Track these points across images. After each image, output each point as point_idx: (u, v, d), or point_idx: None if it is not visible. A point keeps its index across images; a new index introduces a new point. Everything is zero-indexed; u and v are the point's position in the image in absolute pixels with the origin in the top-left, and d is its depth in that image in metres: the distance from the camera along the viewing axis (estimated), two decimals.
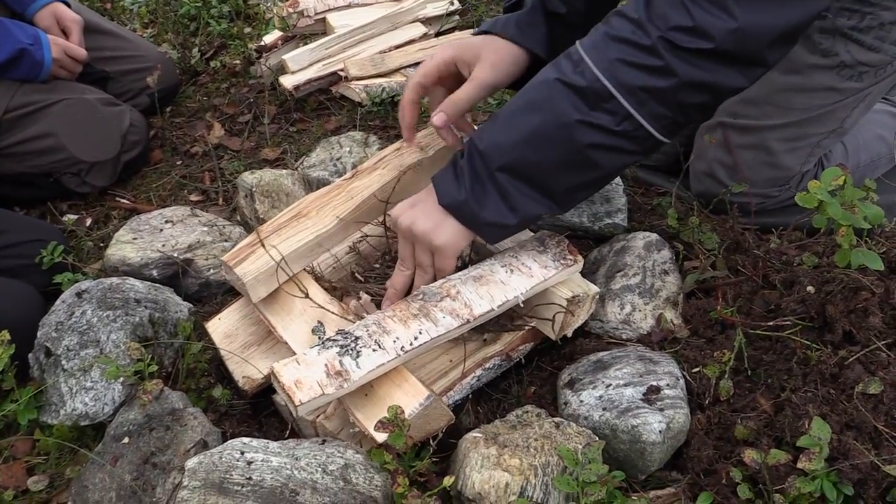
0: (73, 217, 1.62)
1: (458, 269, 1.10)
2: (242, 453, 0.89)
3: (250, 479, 0.86)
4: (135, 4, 2.43)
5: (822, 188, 0.95)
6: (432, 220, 1.03)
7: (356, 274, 1.19)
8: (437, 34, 2.14)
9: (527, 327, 1.16)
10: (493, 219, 1.01)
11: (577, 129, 0.95)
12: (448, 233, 1.03)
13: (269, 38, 2.07)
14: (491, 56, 1.11)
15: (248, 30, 2.25)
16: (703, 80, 0.91)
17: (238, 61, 2.11)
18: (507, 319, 1.16)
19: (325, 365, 0.93)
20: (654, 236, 1.31)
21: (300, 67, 1.90)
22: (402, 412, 0.90)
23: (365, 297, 1.12)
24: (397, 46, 1.99)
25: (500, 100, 1.83)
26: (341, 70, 1.88)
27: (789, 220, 1.31)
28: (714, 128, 1.37)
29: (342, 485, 0.88)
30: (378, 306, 1.09)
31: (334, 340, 0.96)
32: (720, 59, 0.90)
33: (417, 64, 1.91)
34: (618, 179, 1.46)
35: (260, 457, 0.89)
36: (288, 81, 1.88)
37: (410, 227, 1.03)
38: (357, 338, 0.96)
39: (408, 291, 1.08)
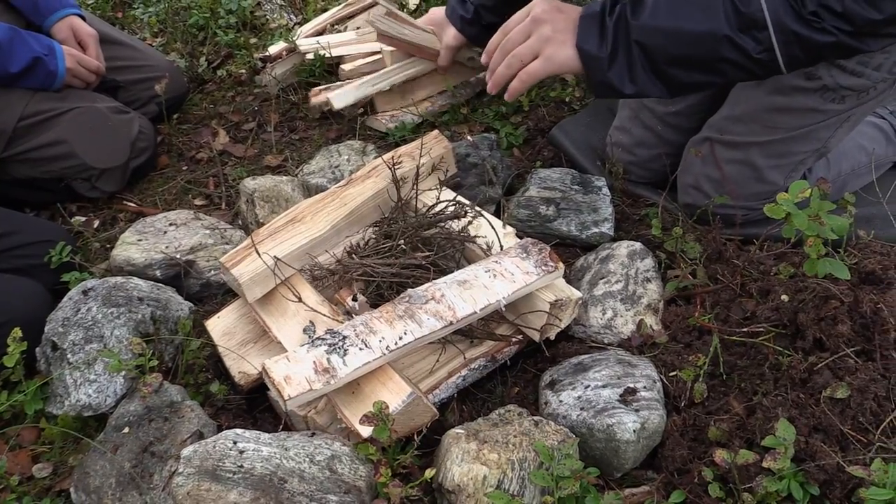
0: (81, 219, 1.68)
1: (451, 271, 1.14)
2: (235, 443, 0.94)
3: (242, 466, 0.92)
4: (145, 14, 2.50)
5: (788, 200, 1.00)
6: (565, 35, 1.16)
7: (352, 254, 1.23)
8: None
9: (513, 339, 1.21)
10: (613, 81, 1.14)
11: (723, 43, 1.06)
12: (565, 55, 1.16)
13: (273, 49, 2.13)
14: None
15: (253, 40, 2.31)
16: (851, 44, 1.04)
17: (244, 70, 2.18)
18: (494, 325, 1.22)
19: (314, 362, 0.98)
20: (638, 245, 1.36)
21: (344, 105, 1.86)
22: (387, 407, 0.95)
23: (361, 298, 1.17)
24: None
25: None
26: None
27: (772, 231, 1.36)
28: (701, 142, 1.42)
29: (328, 474, 0.93)
30: (373, 306, 1.15)
31: (323, 339, 1.01)
32: (862, 36, 1.04)
33: (443, 92, 1.95)
34: (605, 190, 1.51)
35: (251, 446, 0.94)
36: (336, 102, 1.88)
37: (543, 21, 1.18)
38: (345, 337, 1.02)
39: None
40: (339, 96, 1.83)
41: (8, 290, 1.30)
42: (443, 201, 1.25)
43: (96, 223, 1.69)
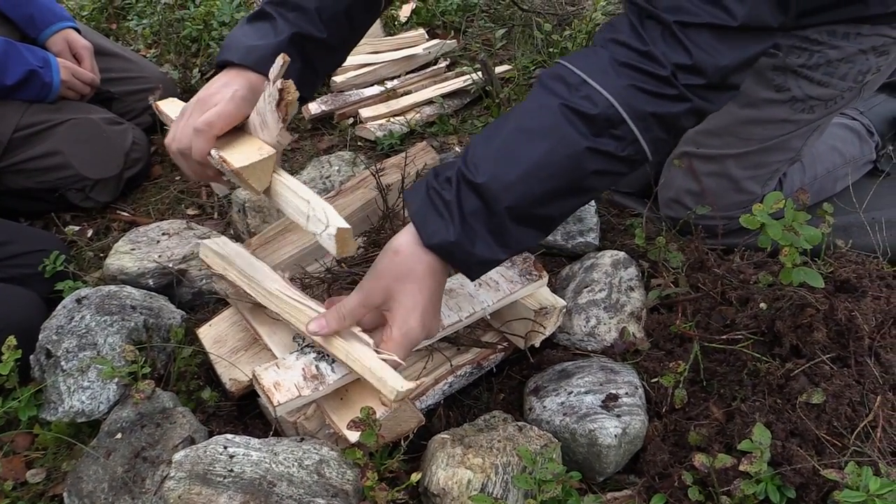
0: (75, 228, 1.70)
1: None
2: (226, 447, 0.97)
3: (232, 471, 0.94)
4: (139, 26, 2.53)
5: (763, 211, 1.03)
6: (430, 312, 0.98)
7: (342, 263, 1.26)
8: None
9: (499, 346, 1.23)
10: (485, 256, 0.95)
11: (586, 156, 0.92)
12: (424, 317, 0.97)
13: None
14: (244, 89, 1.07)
15: None
16: (701, 106, 0.96)
17: None
18: (481, 333, 1.24)
19: (303, 369, 1.00)
20: (622, 254, 1.39)
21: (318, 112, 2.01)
22: (374, 412, 0.98)
23: None
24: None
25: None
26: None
27: (753, 240, 1.39)
28: (680, 156, 1.46)
29: (316, 478, 0.95)
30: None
31: (312, 347, 1.03)
32: (708, 89, 0.95)
33: (430, 102, 2.01)
34: (590, 201, 1.54)
35: (241, 451, 0.97)
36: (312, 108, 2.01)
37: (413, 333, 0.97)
38: None
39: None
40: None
41: (3, 300, 1.32)
42: None
43: (90, 232, 1.71)
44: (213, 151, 1.03)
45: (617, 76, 0.93)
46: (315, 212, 0.97)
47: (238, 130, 1.07)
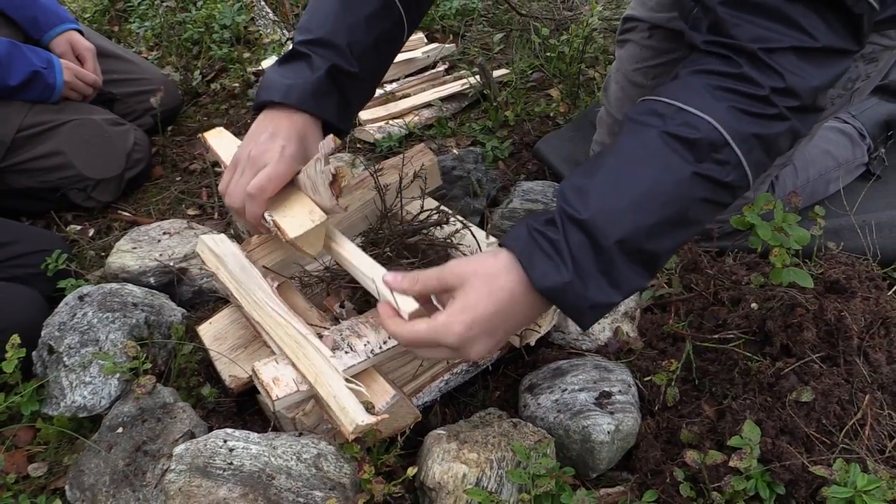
0: (77, 227, 1.72)
1: None
2: (225, 441, 0.98)
3: (231, 464, 0.96)
4: (141, 28, 2.56)
5: (753, 212, 1.05)
6: (497, 332, 0.92)
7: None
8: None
9: None
10: (598, 299, 0.89)
11: (693, 182, 0.89)
12: (497, 348, 0.94)
13: (266, 64, 2.19)
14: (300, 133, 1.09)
15: (247, 54, 2.37)
16: (797, 128, 0.95)
17: (237, 84, 2.24)
18: None
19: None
20: None
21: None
22: (373, 406, 1.00)
23: (348, 305, 1.22)
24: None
25: None
26: None
27: (744, 242, 1.41)
28: None
29: (314, 471, 0.97)
30: (359, 312, 1.19)
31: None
32: (802, 111, 0.94)
33: (428, 105, 2.03)
34: None
35: (241, 445, 0.98)
36: None
37: (469, 347, 0.91)
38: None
39: None
40: None
41: (6, 299, 1.34)
42: (426, 210, 1.30)
43: (91, 232, 1.73)
44: (266, 215, 1.05)
45: (715, 100, 0.91)
46: (381, 292, 0.98)
47: (289, 186, 1.08)
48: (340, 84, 1.12)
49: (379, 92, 2.08)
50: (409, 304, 0.93)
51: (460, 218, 1.31)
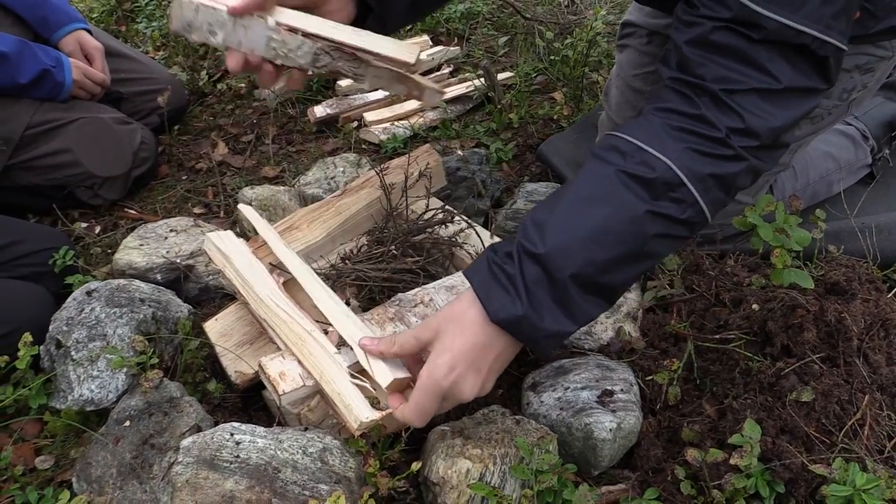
0: (83, 225, 1.74)
1: None
2: (232, 434, 1.00)
3: (238, 457, 0.97)
4: (148, 28, 2.57)
5: (755, 213, 1.06)
6: (483, 368, 0.94)
7: (346, 260, 1.29)
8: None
9: None
10: (553, 328, 0.92)
11: (646, 219, 0.92)
12: (490, 384, 0.97)
13: None
14: None
15: None
16: (757, 166, 0.97)
17: (243, 84, 2.25)
18: None
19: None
20: None
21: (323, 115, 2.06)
22: (378, 402, 1.01)
23: (353, 302, 1.23)
24: None
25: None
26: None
27: (746, 245, 1.42)
28: None
29: (320, 465, 0.98)
30: (364, 310, 1.20)
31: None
32: (762, 150, 0.96)
33: (433, 107, 2.04)
34: None
35: (247, 438, 1.00)
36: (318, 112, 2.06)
37: (458, 387, 0.94)
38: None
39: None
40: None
41: (15, 297, 1.35)
42: (431, 209, 1.31)
43: (97, 229, 1.75)
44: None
45: (673, 140, 0.93)
46: (359, 358, 1.01)
47: None
48: None
49: (384, 93, 2.10)
50: (385, 377, 0.96)
51: (465, 218, 1.33)
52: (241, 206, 1.23)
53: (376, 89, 1.89)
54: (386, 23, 1.18)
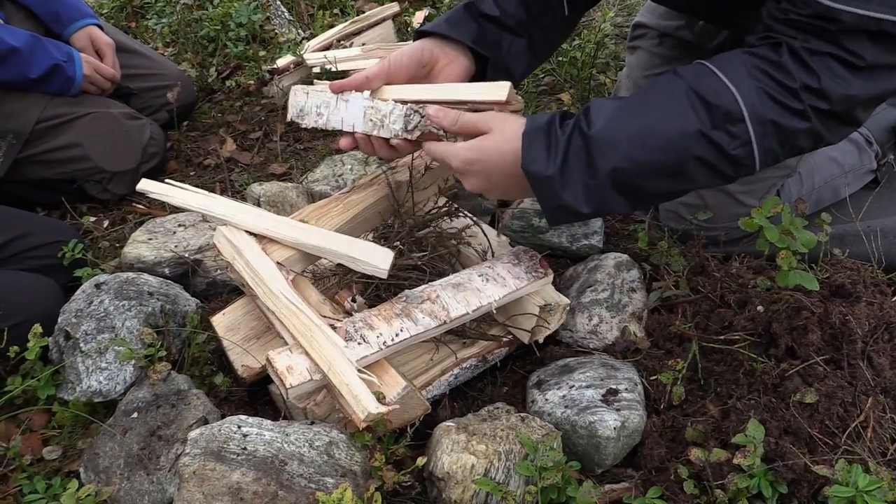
0: (92, 219, 1.75)
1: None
2: (239, 427, 1.00)
3: (245, 449, 0.98)
4: (158, 25, 2.59)
5: (761, 215, 1.07)
6: (491, 182, 1.06)
7: None
8: None
9: (503, 339, 1.27)
10: (569, 202, 1.00)
11: (695, 139, 0.96)
12: (487, 190, 1.08)
13: (281, 62, 2.22)
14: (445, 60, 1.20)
15: (262, 53, 2.40)
16: (820, 131, 0.98)
17: (252, 82, 2.26)
18: (487, 327, 1.28)
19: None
20: (625, 257, 1.43)
21: None
22: (384, 397, 1.02)
23: (360, 299, 1.24)
24: None
25: None
26: None
27: (751, 247, 1.43)
28: None
29: (326, 458, 0.99)
30: (370, 306, 1.21)
31: None
32: (832, 117, 0.97)
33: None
34: None
35: (255, 431, 1.00)
36: None
37: (465, 176, 1.07)
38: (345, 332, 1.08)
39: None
40: None
41: (25, 290, 1.36)
42: (437, 206, 1.32)
43: (106, 223, 1.76)
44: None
45: (749, 77, 0.96)
46: None
47: None
48: (479, 22, 1.21)
49: None
50: (371, 406, 0.98)
51: (469, 215, 1.34)
52: (216, 234, 1.26)
53: None
54: (511, 71, 1.26)
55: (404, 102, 1.14)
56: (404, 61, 1.17)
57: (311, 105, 1.21)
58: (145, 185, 1.27)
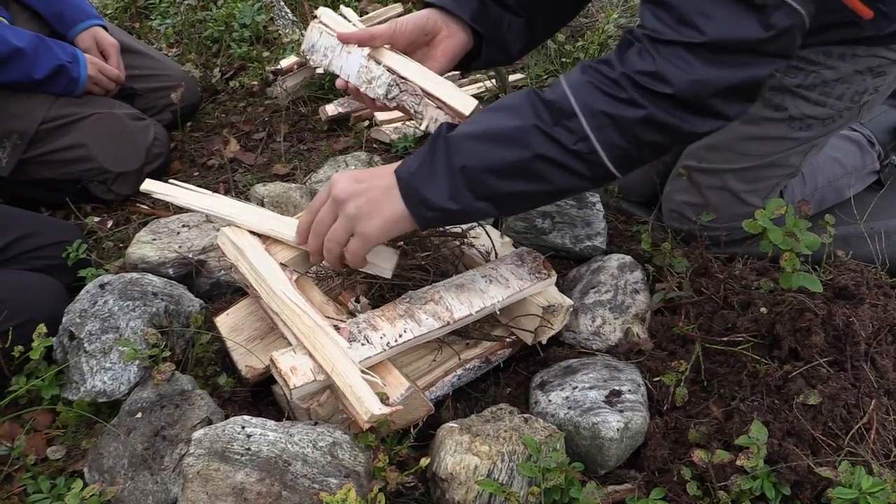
0: (96, 219, 1.76)
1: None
2: (243, 427, 1.01)
3: (249, 449, 0.98)
4: (162, 25, 2.60)
5: (765, 216, 1.07)
6: (371, 205, 1.05)
7: None
8: None
9: (507, 340, 1.27)
10: (430, 198, 1.03)
11: (533, 134, 1.00)
12: (381, 221, 1.05)
13: (285, 62, 2.22)
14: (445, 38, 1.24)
15: (266, 53, 2.40)
16: (663, 119, 0.99)
17: (256, 82, 2.27)
18: (490, 328, 1.28)
19: None
20: (628, 258, 1.43)
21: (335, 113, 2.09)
22: (388, 397, 1.02)
23: (363, 300, 1.24)
24: None
25: None
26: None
27: (753, 249, 1.43)
28: (682, 170, 1.51)
29: (329, 459, 0.99)
30: (374, 307, 1.21)
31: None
32: (678, 105, 0.98)
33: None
34: (599, 206, 1.58)
35: (258, 431, 1.01)
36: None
37: (343, 201, 1.06)
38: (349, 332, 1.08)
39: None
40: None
41: (30, 289, 1.36)
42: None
43: (110, 223, 1.76)
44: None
45: (580, 74, 1.02)
46: None
47: None
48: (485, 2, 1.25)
49: None
50: (374, 407, 0.99)
51: None
52: (219, 234, 1.28)
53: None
54: (508, 49, 1.30)
55: (392, 72, 1.20)
56: (409, 27, 1.23)
57: (321, 44, 1.27)
58: (149, 185, 1.27)
